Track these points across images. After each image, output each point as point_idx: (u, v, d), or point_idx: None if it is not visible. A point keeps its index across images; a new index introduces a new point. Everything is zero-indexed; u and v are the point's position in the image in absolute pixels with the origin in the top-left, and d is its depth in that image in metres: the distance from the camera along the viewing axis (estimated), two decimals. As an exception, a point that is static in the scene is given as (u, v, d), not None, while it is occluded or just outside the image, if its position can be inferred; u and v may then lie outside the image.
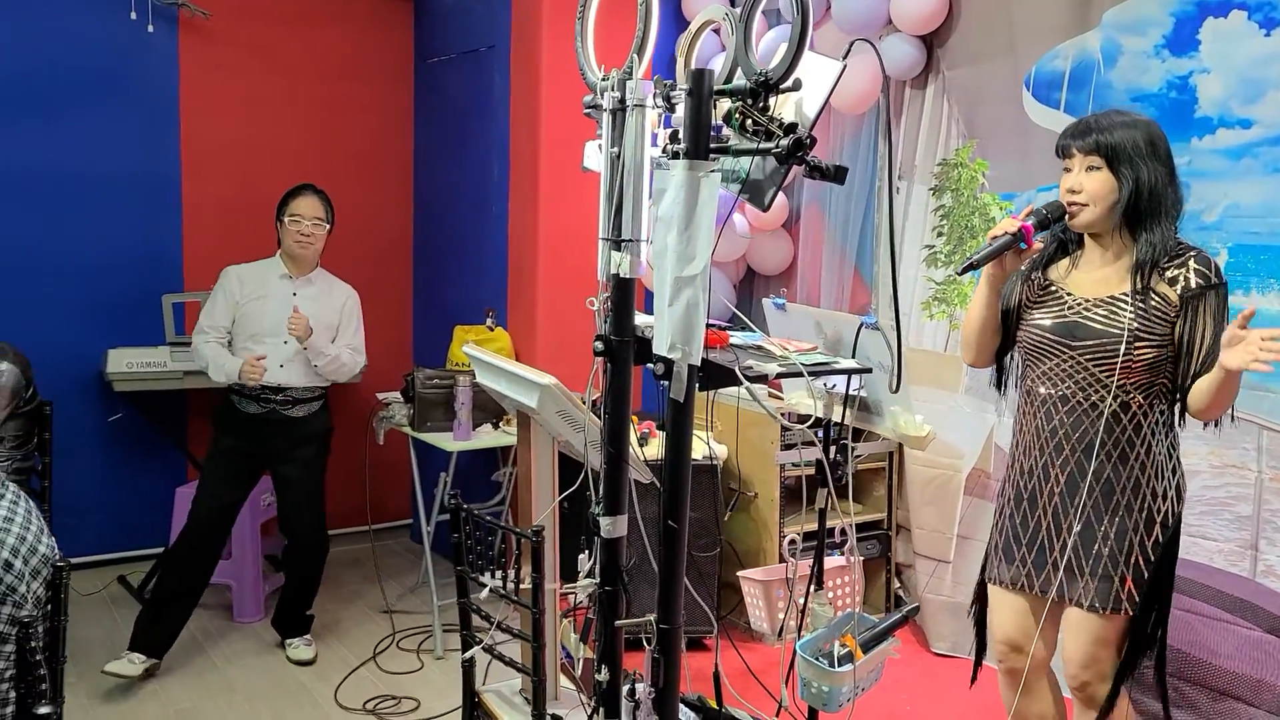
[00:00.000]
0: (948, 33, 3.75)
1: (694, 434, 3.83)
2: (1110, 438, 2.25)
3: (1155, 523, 2.26)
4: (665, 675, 1.91)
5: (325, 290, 3.86)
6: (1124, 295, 2.23)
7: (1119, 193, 2.22)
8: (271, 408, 3.74)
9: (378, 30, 5.06)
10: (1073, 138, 2.27)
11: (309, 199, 3.77)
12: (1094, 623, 2.28)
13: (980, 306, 2.41)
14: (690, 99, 1.82)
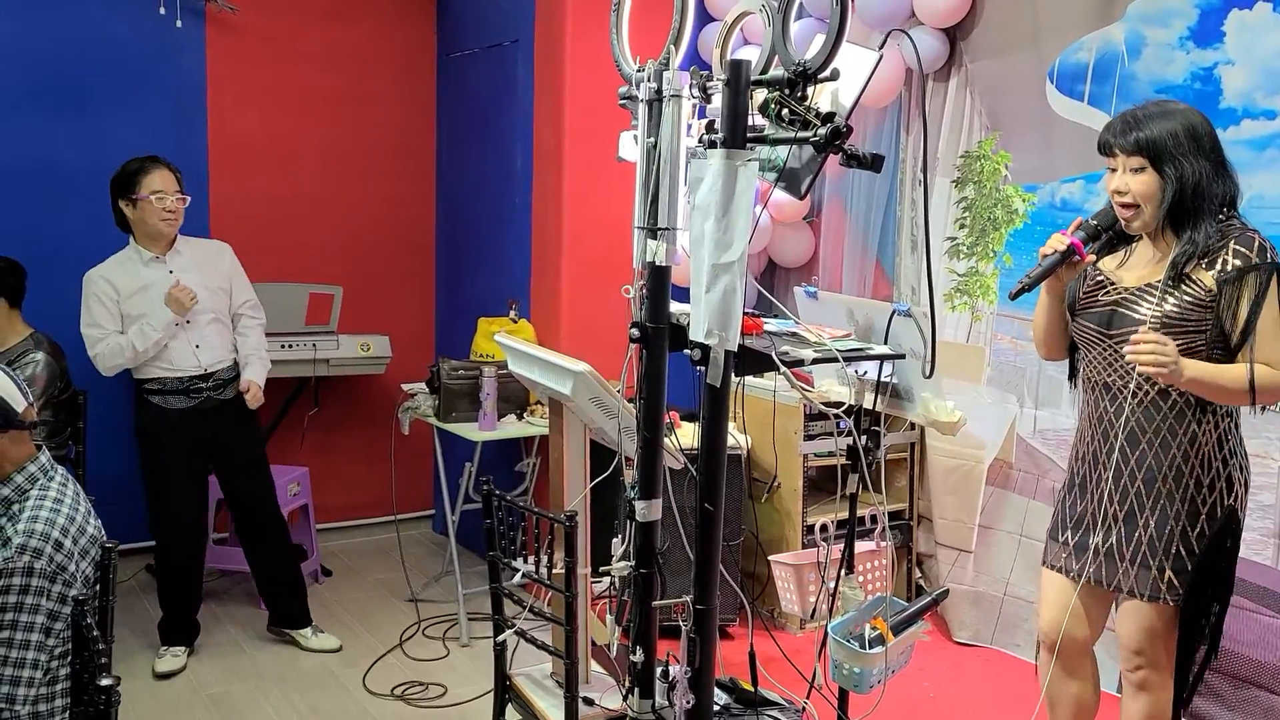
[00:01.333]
0: (971, 25, 3.77)
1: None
2: (1150, 425, 2.26)
3: (1200, 514, 2.24)
4: (701, 655, 1.95)
5: (199, 255, 3.65)
6: (1155, 283, 2.24)
7: (1164, 192, 2.20)
8: (204, 396, 3.60)
9: (401, 25, 5.10)
10: (1115, 136, 2.24)
11: (164, 173, 3.51)
12: (1142, 610, 2.30)
13: (1042, 312, 2.44)
14: (728, 89, 1.85)
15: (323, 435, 4.91)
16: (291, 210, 4.85)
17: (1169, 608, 2.28)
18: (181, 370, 3.56)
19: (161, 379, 3.56)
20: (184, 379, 3.56)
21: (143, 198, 3.49)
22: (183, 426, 3.58)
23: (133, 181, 3.49)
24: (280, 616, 3.88)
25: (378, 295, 5.07)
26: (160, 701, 3.42)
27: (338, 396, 4.98)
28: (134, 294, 3.51)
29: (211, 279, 3.63)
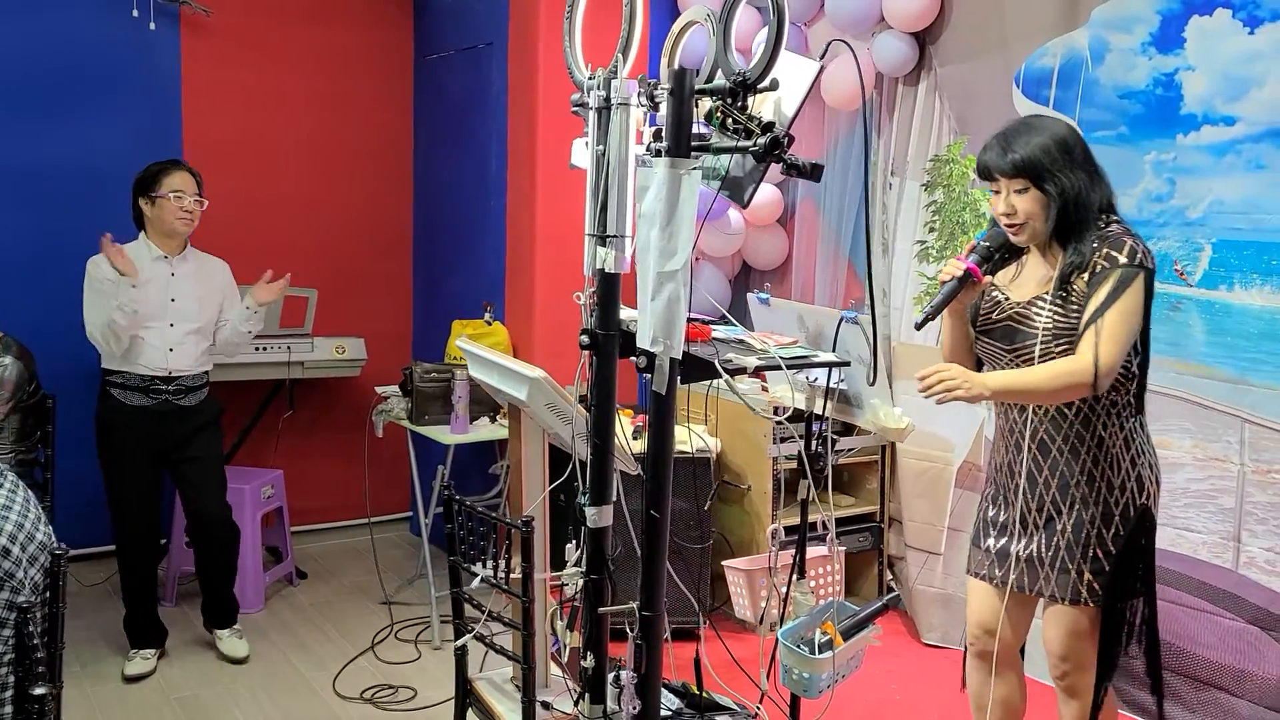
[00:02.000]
0: (940, 29, 3.78)
1: (688, 427, 3.88)
2: (1059, 434, 2.30)
3: (1114, 515, 2.28)
4: (648, 661, 1.96)
5: (201, 266, 3.73)
6: (1042, 295, 2.29)
7: (1049, 209, 2.24)
8: (163, 398, 3.60)
9: (377, 27, 5.10)
10: (993, 161, 2.27)
11: (185, 175, 3.60)
12: (1064, 614, 2.33)
13: (948, 335, 2.48)
14: (672, 98, 1.86)
15: (298, 438, 4.91)
16: (267, 212, 4.85)
17: (1091, 609, 2.31)
18: (148, 369, 3.58)
19: (126, 373, 3.58)
20: (146, 378, 3.58)
21: (162, 195, 3.57)
22: (137, 424, 3.60)
23: (155, 180, 3.59)
24: (211, 613, 3.86)
25: (354, 298, 5.07)
26: (129, 706, 3.42)
27: (313, 399, 4.98)
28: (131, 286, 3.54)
29: (207, 292, 3.71)
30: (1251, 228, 2.93)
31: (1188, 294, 3.07)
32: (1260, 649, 2.96)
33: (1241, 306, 2.96)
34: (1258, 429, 2.94)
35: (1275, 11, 2.86)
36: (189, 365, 3.64)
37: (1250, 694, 2.98)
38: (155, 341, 3.57)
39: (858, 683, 3.58)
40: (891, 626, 4.09)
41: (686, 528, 3.74)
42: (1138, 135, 3.18)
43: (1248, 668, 2.99)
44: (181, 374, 3.63)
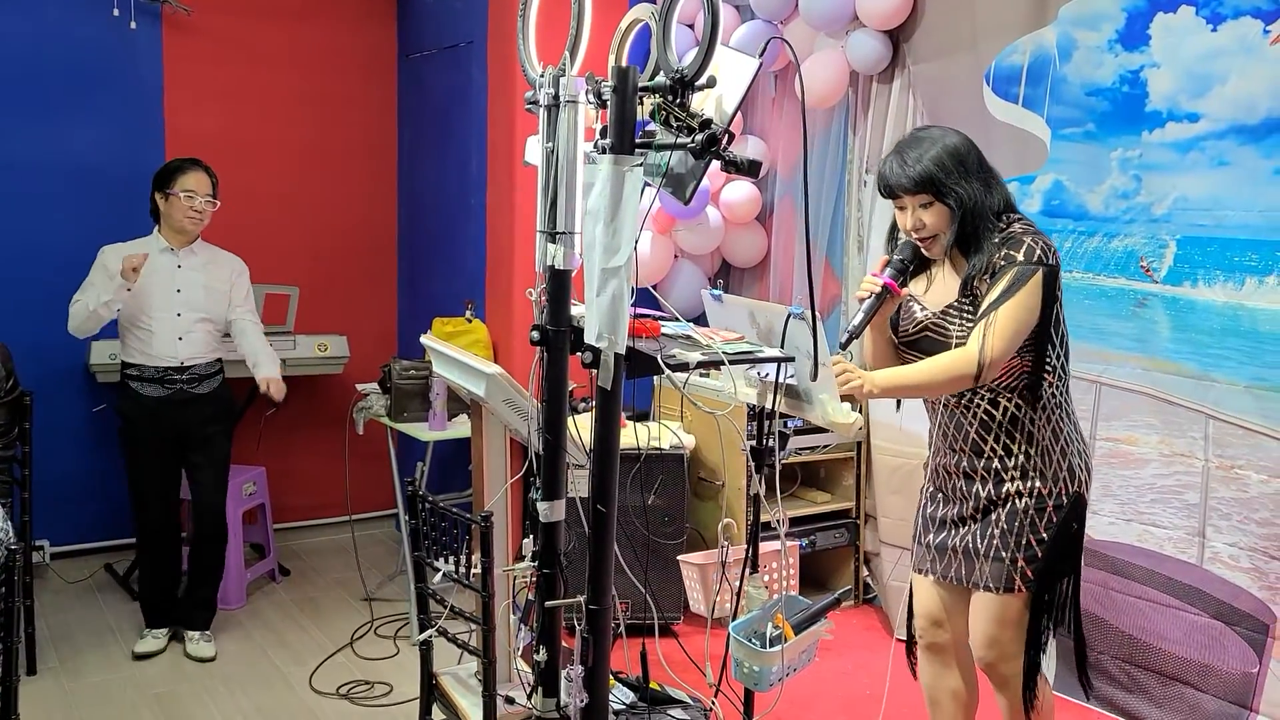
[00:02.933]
0: (913, 28, 3.79)
1: (663, 424, 3.89)
2: (989, 433, 2.34)
3: (1047, 505, 2.32)
4: (595, 654, 1.98)
5: (210, 260, 3.80)
6: (953, 304, 2.33)
7: (953, 219, 2.29)
8: (177, 388, 3.69)
9: (361, 25, 5.12)
10: (895, 181, 2.32)
11: (200, 175, 3.69)
12: (992, 603, 2.36)
13: (870, 348, 2.50)
14: (615, 95, 1.88)
15: (282, 435, 4.93)
16: (249, 211, 4.86)
17: (1020, 596, 2.34)
18: (160, 360, 3.67)
19: (140, 366, 3.69)
20: (160, 369, 3.68)
21: (174, 193, 3.66)
22: (156, 414, 3.69)
23: (170, 177, 3.68)
24: (186, 614, 3.87)
25: (338, 295, 5.10)
26: (105, 701, 3.44)
27: (296, 396, 4.97)
28: None
29: (215, 282, 3.79)
30: (1215, 224, 2.94)
31: (1154, 290, 3.08)
32: (1224, 644, 2.97)
33: (1205, 303, 2.97)
34: (1221, 425, 2.95)
35: (1237, 9, 2.87)
36: (200, 353, 3.74)
37: (1214, 689, 3.00)
38: (164, 331, 3.68)
39: (829, 677, 3.60)
40: (867, 622, 4.10)
41: (661, 524, 3.76)
42: (1105, 132, 3.19)
43: (1212, 662, 3.00)
44: (194, 362, 3.73)
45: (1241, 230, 2.88)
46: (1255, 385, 2.86)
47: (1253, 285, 2.87)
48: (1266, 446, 2.84)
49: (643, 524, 3.69)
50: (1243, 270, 2.89)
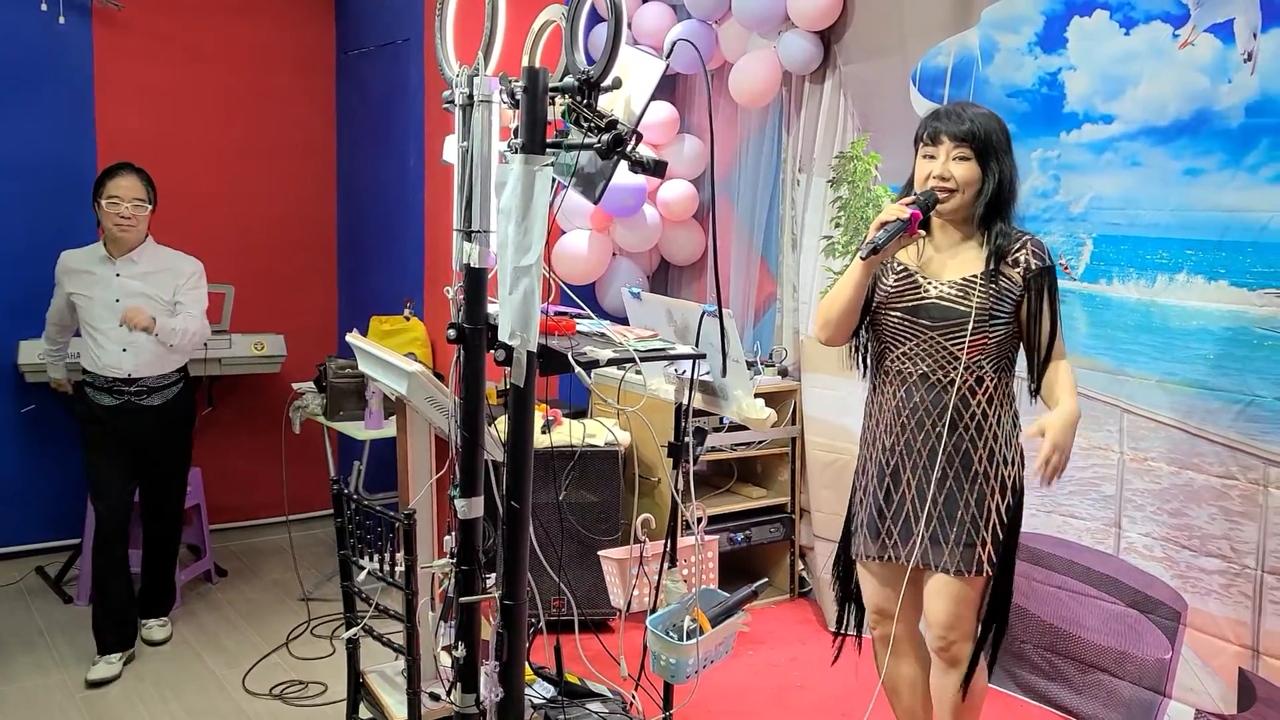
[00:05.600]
0: (843, 29, 3.85)
1: (598, 421, 3.91)
2: (967, 411, 2.39)
3: (1008, 488, 2.41)
4: (510, 649, 2.00)
5: (156, 268, 3.68)
6: (974, 277, 2.36)
7: (983, 183, 2.36)
8: (126, 399, 3.63)
9: (298, 22, 5.09)
10: (945, 125, 2.36)
11: (129, 179, 3.59)
12: (957, 586, 2.40)
13: (852, 288, 2.42)
14: (526, 95, 1.90)
15: (220, 435, 4.89)
16: (185, 209, 4.80)
17: (981, 578, 2.40)
18: (108, 370, 3.60)
19: (94, 374, 3.63)
20: (109, 379, 3.61)
21: (100, 202, 3.59)
22: (109, 422, 3.63)
23: (99, 185, 3.61)
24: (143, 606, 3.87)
25: (276, 294, 5.06)
26: (33, 705, 3.40)
27: (234, 396, 4.96)
28: (82, 288, 3.62)
29: (157, 290, 3.67)
30: (1128, 223, 3.02)
31: (1072, 288, 3.16)
32: (1139, 631, 3.05)
33: (1119, 299, 3.05)
34: (1135, 418, 3.03)
35: (1149, 13, 2.95)
36: (145, 366, 3.64)
37: (1130, 675, 3.08)
38: (109, 343, 3.61)
39: (762, 668, 3.64)
40: (801, 615, 4.16)
41: (597, 520, 3.78)
42: (1025, 133, 3.25)
43: (1128, 650, 3.08)
44: (142, 375, 3.64)
45: (1153, 229, 2.96)
46: (1166, 380, 2.94)
47: (1164, 282, 2.95)
48: (1176, 439, 2.92)
49: (578, 520, 3.71)
50: (1154, 268, 2.97)
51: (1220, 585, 2.86)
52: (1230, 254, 2.80)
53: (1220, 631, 2.87)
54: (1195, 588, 2.92)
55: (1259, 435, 2.75)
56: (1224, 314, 2.81)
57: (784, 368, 4.16)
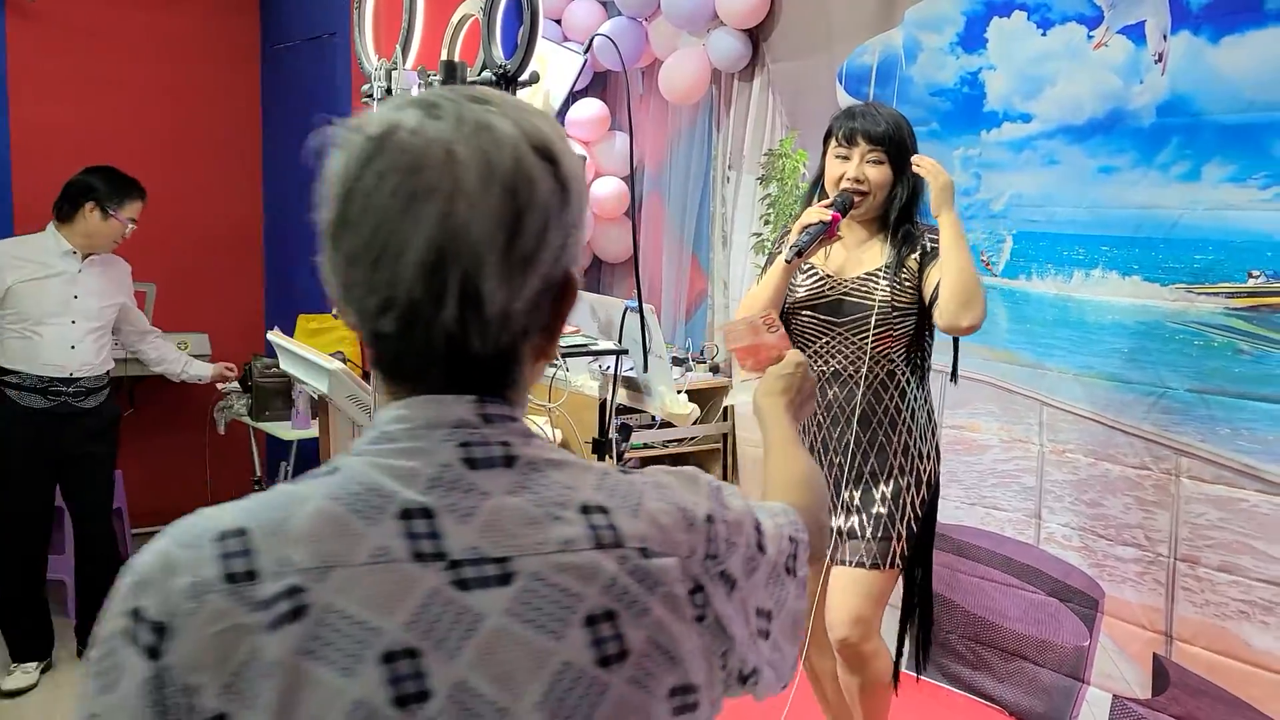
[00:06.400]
0: (771, 27, 3.87)
1: (529, 419, 3.91)
2: (880, 405, 2.42)
3: (923, 482, 2.44)
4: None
5: (107, 268, 3.60)
6: (877, 271, 2.39)
7: (895, 187, 2.38)
8: (62, 400, 3.45)
9: (222, 14, 4.99)
10: (861, 126, 2.36)
11: (141, 204, 3.57)
12: (866, 579, 2.41)
13: (773, 290, 2.42)
14: (443, 90, 1.88)
15: (140, 437, 4.76)
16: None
17: (893, 572, 2.43)
18: (46, 369, 3.43)
19: (21, 374, 3.41)
20: (46, 379, 3.43)
21: (118, 217, 3.49)
22: (32, 426, 3.43)
23: (122, 198, 3.50)
24: (83, 637, 3.70)
25: (200, 292, 4.95)
26: (-59, 717, 3.30)
27: (155, 397, 4.84)
28: (32, 279, 3.39)
29: (111, 288, 3.61)
30: (1046, 220, 3.09)
31: (993, 283, 3.21)
32: (1059, 619, 3.12)
33: (1038, 295, 3.11)
34: (1054, 411, 3.10)
35: (1064, 14, 3.01)
36: (91, 364, 3.51)
37: (1050, 663, 3.15)
38: (55, 339, 3.42)
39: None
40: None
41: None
42: (948, 131, 3.31)
43: (1048, 638, 3.15)
44: (83, 375, 3.49)
45: (1070, 226, 3.03)
46: (1083, 373, 3.02)
47: (1080, 278, 3.02)
48: (1093, 431, 2.99)
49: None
50: (1071, 264, 3.03)
51: (1135, 573, 2.93)
52: (1143, 250, 2.88)
53: (1135, 618, 2.94)
54: (1111, 576, 2.99)
55: (1171, 426, 2.83)
56: (1137, 309, 2.89)
57: (715, 364, 4.19)
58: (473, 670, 0.70)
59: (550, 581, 0.73)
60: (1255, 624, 2.69)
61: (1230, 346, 2.72)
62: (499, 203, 0.73)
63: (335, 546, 0.71)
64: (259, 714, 0.68)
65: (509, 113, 0.76)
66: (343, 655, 0.69)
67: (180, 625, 0.70)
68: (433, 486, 0.74)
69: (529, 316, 0.77)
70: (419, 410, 0.76)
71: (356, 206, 0.75)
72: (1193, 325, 2.79)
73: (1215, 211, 2.73)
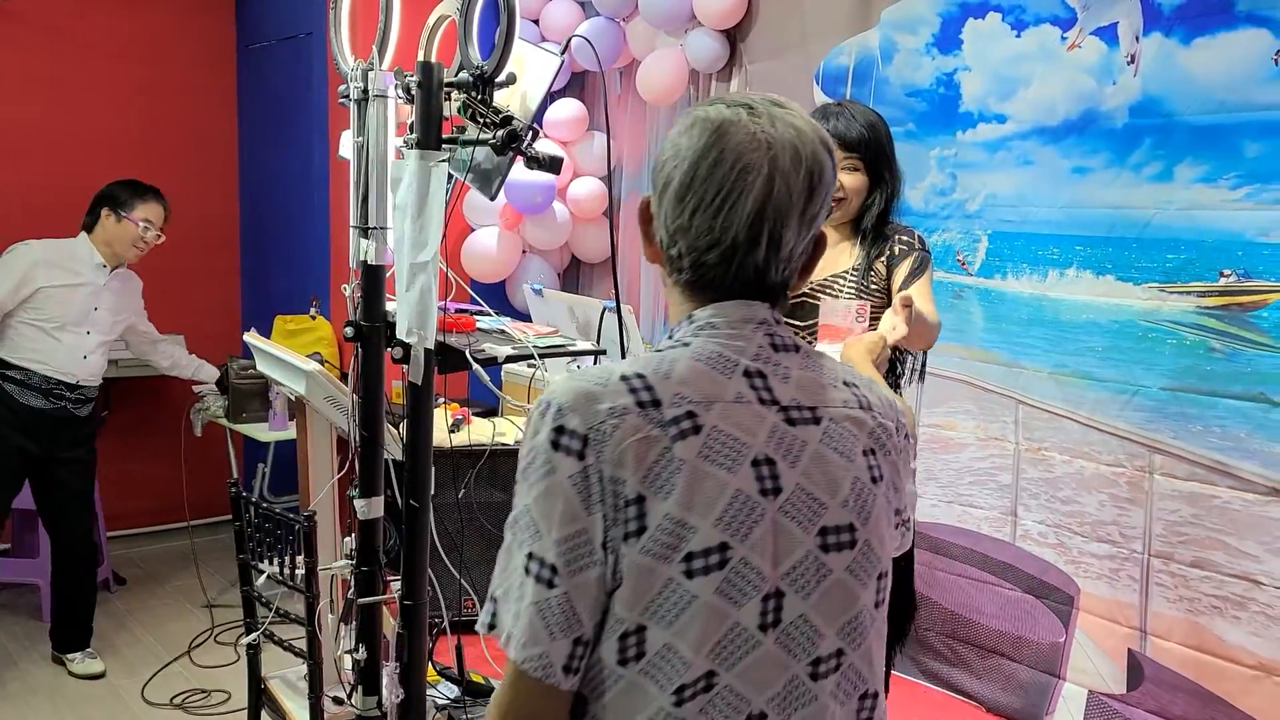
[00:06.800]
0: (748, 27, 3.89)
1: (509, 420, 3.88)
2: None
3: None
4: (410, 650, 1.98)
5: (126, 281, 3.70)
6: (843, 273, 2.37)
7: (873, 193, 2.34)
8: (61, 405, 3.49)
9: (198, 14, 4.96)
10: (836, 127, 2.31)
11: (159, 207, 3.59)
12: None
13: None
14: (420, 91, 1.88)
15: (116, 439, 4.73)
16: (80, 204, 4.63)
17: None
18: (58, 373, 3.45)
19: (28, 370, 3.42)
20: (53, 381, 3.45)
21: (130, 218, 3.50)
22: (24, 425, 3.44)
23: (131, 199, 3.53)
24: (62, 638, 3.69)
25: (176, 294, 4.90)
26: (-87, 723, 3.26)
27: (131, 399, 4.81)
28: (62, 285, 3.44)
29: (123, 308, 3.66)
30: (1021, 220, 3.11)
31: (968, 283, 3.24)
32: (1035, 616, 3.15)
33: (1014, 294, 3.14)
34: (1030, 409, 3.12)
35: (1039, 16, 3.04)
36: (96, 375, 3.57)
37: (1027, 659, 3.17)
38: (72, 346, 3.47)
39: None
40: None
41: (503, 521, 3.75)
42: (924, 132, 3.33)
43: (1024, 634, 3.17)
44: (88, 384, 3.55)
45: (1044, 225, 3.06)
46: (1058, 371, 3.04)
47: (1054, 277, 3.04)
48: (1068, 429, 3.02)
49: (489, 520, 3.68)
50: (1045, 263, 3.06)
51: (1110, 569, 2.96)
52: (1116, 249, 2.90)
53: (1110, 614, 2.97)
54: (1087, 572, 3.02)
55: (1144, 424, 2.85)
56: (1111, 308, 2.92)
57: (694, 364, 4.19)
58: (805, 476, 1.05)
59: (841, 425, 1.08)
60: (1228, 619, 2.72)
61: (1202, 345, 2.75)
62: (802, 179, 1.06)
63: (710, 388, 1.04)
64: (670, 496, 0.99)
65: (801, 116, 1.09)
66: (726, 459, 1.01)
67: (603, 437, 0.99)
68: (756, 358, 1.07)
69: (799, 259, 1.11)
70: (734, 310, 1.08)
71: (702, 174, 1.04)
72: (1165, 324, 2.82)
73: (1187, 211, 2.76)
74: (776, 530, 1.02)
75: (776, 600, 1.02)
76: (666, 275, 1.13)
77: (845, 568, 1.06)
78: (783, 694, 1.03)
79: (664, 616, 0.99)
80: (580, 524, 0.99)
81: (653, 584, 0.99)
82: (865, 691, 1.10)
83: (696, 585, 0.99)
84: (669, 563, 0.99)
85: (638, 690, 1.00)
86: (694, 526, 0.99)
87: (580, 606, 0.99)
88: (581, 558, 0.99)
